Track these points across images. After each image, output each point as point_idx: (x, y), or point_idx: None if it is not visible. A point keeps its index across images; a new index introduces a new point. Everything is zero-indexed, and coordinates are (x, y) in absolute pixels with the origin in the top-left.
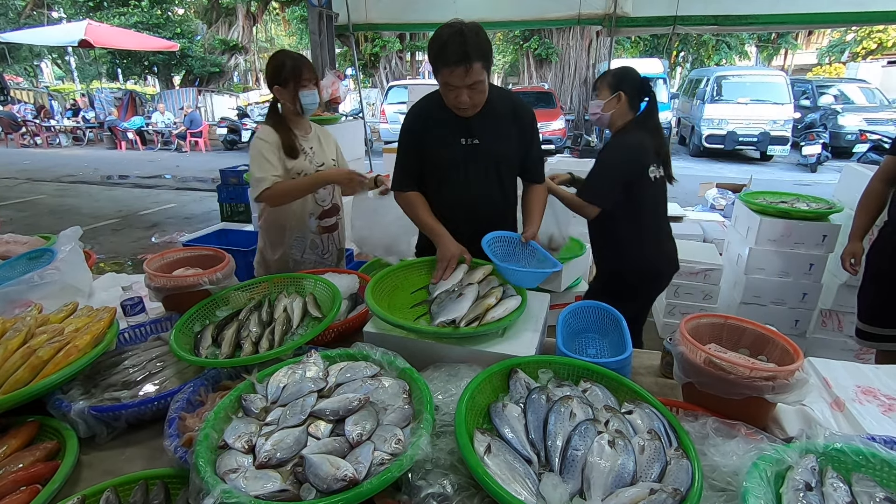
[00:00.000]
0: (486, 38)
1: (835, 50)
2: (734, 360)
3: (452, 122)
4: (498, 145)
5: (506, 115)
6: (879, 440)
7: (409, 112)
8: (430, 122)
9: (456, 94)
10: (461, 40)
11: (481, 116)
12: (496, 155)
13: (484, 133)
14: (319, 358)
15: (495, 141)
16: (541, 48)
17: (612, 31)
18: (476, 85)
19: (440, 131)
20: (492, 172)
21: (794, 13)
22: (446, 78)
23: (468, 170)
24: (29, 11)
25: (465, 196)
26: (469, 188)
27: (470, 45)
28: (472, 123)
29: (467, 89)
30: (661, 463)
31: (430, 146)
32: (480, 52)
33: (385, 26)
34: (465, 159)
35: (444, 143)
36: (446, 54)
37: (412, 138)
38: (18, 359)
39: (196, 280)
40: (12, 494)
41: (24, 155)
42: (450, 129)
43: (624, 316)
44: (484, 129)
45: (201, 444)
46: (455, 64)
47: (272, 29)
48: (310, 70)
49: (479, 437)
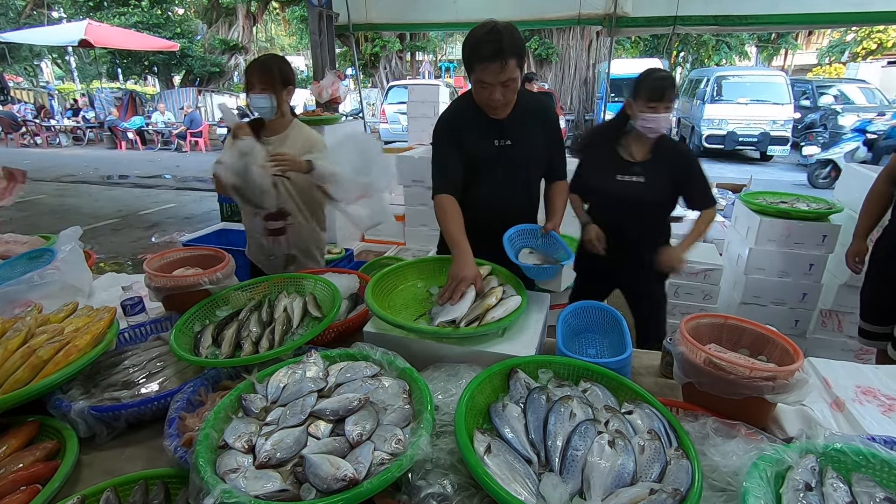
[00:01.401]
0: (520, 37)
1: (835, 50)
2: (734, 360)
3: (485, 123)
4: (528, 147)
5: (535, 118)
6: (879, 440)
7: (441, 116)
8: (463, 123)
9: (490, 92)
10: (496, 37)
11: (513, 118)
12: (527, 157)
13: (515, 135)
14: (319, 358)
15: (526, 143)
16: (541, 48)
17: (613, 31)
18: (509, 83)
19: (473, 132)
20: (521, 174)
21: (794, 13)
22: (480, 75)
23: (499, 170)
24: (29, 11)
25: (494, 196)
26: (499, 188)
27: (505, 42)
28: (505, 125)
29: (501, 86)
30: (661, 463)
31: (464, 147)
32: (515, 49)
33: (385, 26)
34: (498, 160)
35: (478, 143)
36: (481, 50)
37: (448, 139)
38: (18, 359)
39: (196, 280)
40: (12, 494)
41: (24, 155)
42: (483, 130)
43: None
44: (516, 130)
45: (201, 443)
46: (490, 60)
47: (272, 29)
48: (256, 75)
49: (479, 437)
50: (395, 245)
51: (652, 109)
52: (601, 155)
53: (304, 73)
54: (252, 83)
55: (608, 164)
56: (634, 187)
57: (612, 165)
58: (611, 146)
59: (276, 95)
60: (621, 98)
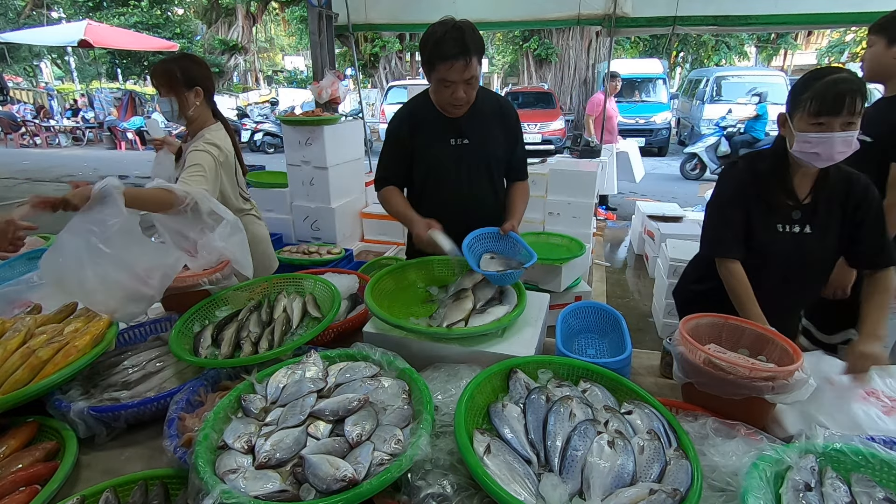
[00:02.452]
0: (479, 34)
1: (834, 50)
2: (734, 360)
3: (441, 122)
4: (487, 145)
5: (492, 115)
6: (879, 440)
7: (394, 115)
8: (418, 123)
9: (453, 90)
10: (460, 34)
11: (469, 116)
12: (486, 154)
13: (473, 133)
14: (319, 358)
15: (484, 140)
16: (540, 48)
17: (612, 31)
18: (472, 80)
19: (430, 132)
20: (482, 172)
21: (793, 13)
22: (444, 73)
23: (459, 170)
24: (28, 11)
25: (457, 196)
26: (461, 188)
27: (468, 39)
28: (461, 123)
29: (464, 84)
30: (660, 463)
31: (421, 147)
32: (477, 46)
33: (385, 26)
34: (456, 159)
35: (435, 143)
36: (444, 49)
37: (398, 140)
38: (18, 359)
39: (196, 280)
40: (12, 495)
41: (24, 155)
42: (439, 130)
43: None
44: (472, 128)
45: (201, 444)
46: (454, 58)
47: (272, 29)
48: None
49: (478, 437)
50: (394, 245)
51: (819, 127)
52: (749, 197)
53: (303, 73)
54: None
55: (769, 212)
56: (799, 242)
57: (774, 213)
58: (777, 186)
59: (178, 98)
60: (621, 98)
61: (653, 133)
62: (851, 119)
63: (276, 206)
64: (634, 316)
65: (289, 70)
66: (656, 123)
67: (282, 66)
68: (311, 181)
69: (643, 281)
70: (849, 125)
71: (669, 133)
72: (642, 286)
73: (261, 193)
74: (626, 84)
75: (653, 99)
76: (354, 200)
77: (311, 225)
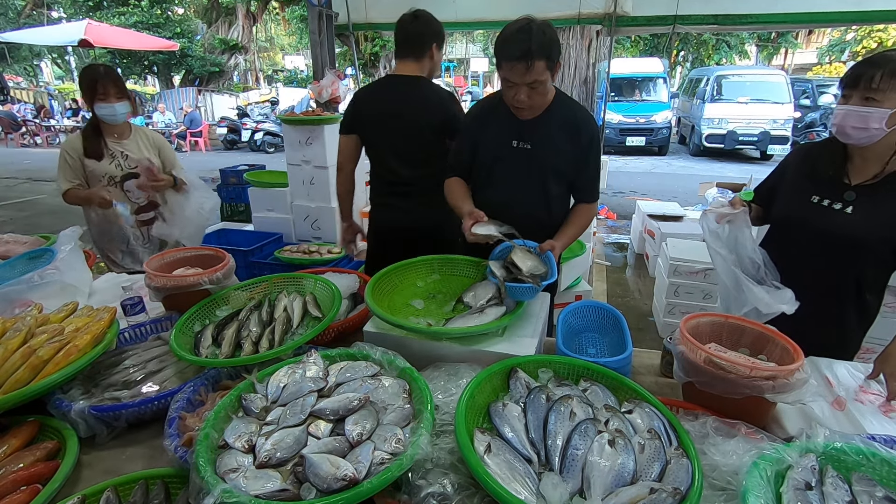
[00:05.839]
0: (554, 38)
1: (835, 49)
2: (734, 359)
3: (508, 122)
4: (548, 154)
5: (563, 126)
6: (879, 440)
7: (472, 107)
8: (490, 118)
9: (514, 92)
10: (525, 36)
11: (537, 122)
12: (544, 164)
13: (536, 139)
14: (319, 357)
15: (546, 149)
16: None
17: (612, 30)
18: (536, 84)
19: (496, 129)
20: (537, 180)
21: (794, 12)
22: (506, 73)
23: (515, 172)
24: (29, 11)
25: (507, 197)
26: (510, 189)
27: (534, 42)
28: (526, 127)
29: (526, 87)
30: (661, 462)
31: (485, 142)
32: (544, 50)
33: (385, 26)
34: (514, 162)
35: (497, 141)
36: (508, 48)
37: (468, 132)
38: (18, 359)
39: (196, 280)
40: (12, 494)
41: (24, 155)
42: (504, 129)
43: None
44: (537, 134)
45: (201, 443)
46: (516, 59)
47: (272, 28)
48: (106, 86)
49: (479, 436)
50: None
51: (843, 100)
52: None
53: (304, 73)
54: (106, 92)
55: (809, 184)
56: (832, 217)
57: (814, 186)
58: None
59: (131, 100)
60: (621, 98)
61: (653, 132)
62: (871, 94)
63: (277, 205)
64: (635, 315)
65: (289, 69)
66: (657, 123)
67: (282, 65)
68: (312, 181)
69: (643, 280)
70: (867, 100)
71: (670, 132)
72: (643, 285)
73: (261, 193)
74: (627, 83)
75: (653, 98)
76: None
77: (311, 224)
